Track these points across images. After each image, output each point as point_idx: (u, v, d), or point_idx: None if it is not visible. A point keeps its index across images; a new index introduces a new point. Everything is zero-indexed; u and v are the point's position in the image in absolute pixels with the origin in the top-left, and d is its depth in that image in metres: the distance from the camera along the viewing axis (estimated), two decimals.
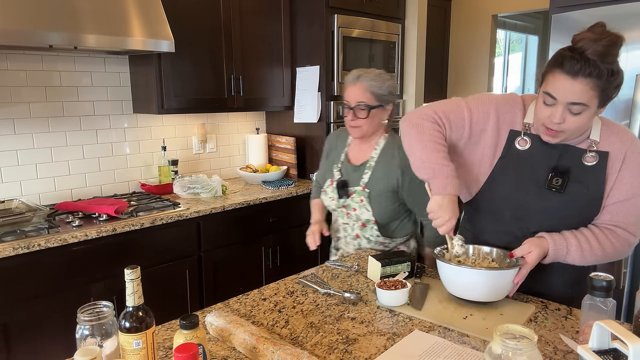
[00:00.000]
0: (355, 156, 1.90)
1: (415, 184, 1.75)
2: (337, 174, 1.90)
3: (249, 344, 1.10)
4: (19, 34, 1.94)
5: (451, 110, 1.44)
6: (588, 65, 1.17)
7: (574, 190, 1.34)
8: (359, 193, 1.82)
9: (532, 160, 1.38)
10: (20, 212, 2.21)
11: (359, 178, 1.84)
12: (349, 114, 1.79)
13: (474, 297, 1.32)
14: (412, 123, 1.45)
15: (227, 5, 2.80)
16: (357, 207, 1.83)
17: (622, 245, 1.33)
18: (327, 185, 1.93)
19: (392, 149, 1.82)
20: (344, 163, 1.91)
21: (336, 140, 1.99)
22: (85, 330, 0.96)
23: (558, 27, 2.41)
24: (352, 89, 1.77)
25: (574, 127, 1.25)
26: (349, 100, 1.78)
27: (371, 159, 1.84)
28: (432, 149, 1.38)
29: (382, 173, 1.81)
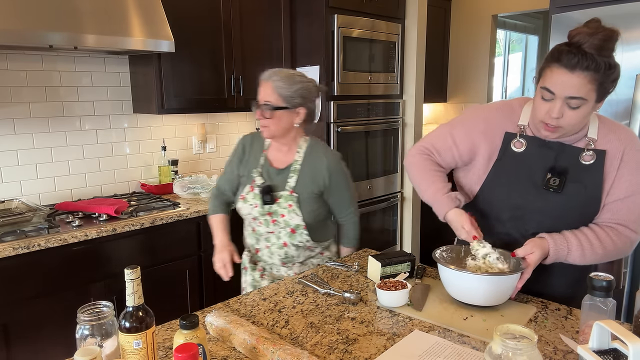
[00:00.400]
0: (278, 159, 1.77)
1: (338, 185, 1.77)
2: (258, 179, 1.74)
3: (249, 344, 1.10)
4: (19, 34, 1.94)
5: (436, 139, 1.55)
6: (585, 58, 1.18)
7: (572, 190, 1.34)
8: (287, 198, 1.71)
9: (529, 161, 1.38)
10: (20, 212, 2.21)
11: (284, 182, 1.73)
12: (257, 112, 1.71)
13: (475, 301, 1.32)
14: (408, 162, 1.60)
15: (227, 5, 2.80)
16: (286, 212, 1.71)
17: (624, 243, 1.33)
18: (245, 191, 1.76)
19: (317, 151, 1.76)
20: (265, 167, 1.77)
21: (251, 142, 1.82)
22: (85, 330, 0.96)
23: (558, 27, 2.41)
24: (262, 87, 1.70)
25: (573, 122, 1.25)
26: (258, 99, 1.70)
27: (295, 162, 1.74)
28: (424, 177, 1.51)
29: (309, 176, 1.73)
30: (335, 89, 3.14)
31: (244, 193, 1.76)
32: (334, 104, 3.13)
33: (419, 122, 3.73)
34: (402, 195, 3.79)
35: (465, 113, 1.54)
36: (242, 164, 1.81)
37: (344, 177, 1.81)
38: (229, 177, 1.86)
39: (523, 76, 5.54)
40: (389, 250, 2.99)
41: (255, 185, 1.74)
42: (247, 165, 1.79)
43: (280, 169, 1.75)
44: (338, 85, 3.14)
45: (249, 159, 1.80)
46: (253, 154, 1.81)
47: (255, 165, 1.78)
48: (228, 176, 1.86)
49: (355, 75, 3.24)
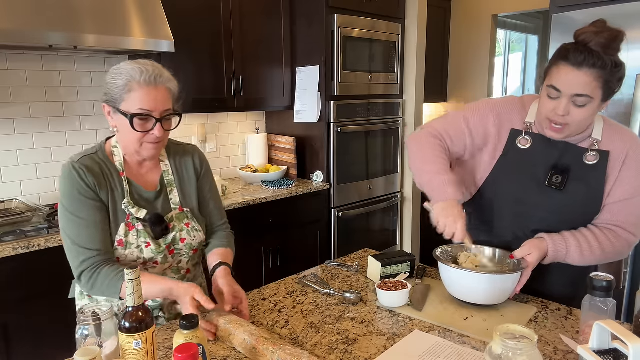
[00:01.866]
0: (146, 181, 1.40)
1: (208, 174, 1.51)
2: (136, 211, 1.33)
3: (248, 345, 1.10)
4: (19, 34, 1.94)
5: (449, 124, 1.50)
6: (592, 56, 1.18)
7: (574, 189, 1.34)
8: (179, 218, 1.40)
9: (533, 158, 1.38)
10: (20, 212, 2.21)
11: (167, 202, 1.41)
12: (155, 127, 1.28)
13: (476, 300, 1.32)
14: (414, 141, 1.52)
15: (227, 5, 2.80)
16: (186, 234, 1.40)
17: (622, 245, 1.34)
18: (123, 233, 1.31)
19: (178, 152, 1.49)
20: (137, 195, 1.37)
21: (100, 173, 1.32)
22: (85, 330, 0.96)
23: (558, 27, 2.41)
24: (150, 94, 1.26)
25: (578, 120, 1.26)
26: (153, 109, 1.27)
27: (166, 172, 1.43)
28: (430, 161, 1.44)
29: (188, 184, 1.46)
30: (335, 89, 3.13)
31: (119, 237, 1.31)
32: (334, 104, 3.13)
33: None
34: (402, 195, 3.79)
35: (476, 102, 1.52)
36: (100, 203, 1.30)
37: (210, 170, 1.55)
38: (96, 230, 1.28)
39: (523, 76, 5.53)
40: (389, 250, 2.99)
41: (134, 221, 1.33)
42: (103, 197, 1.31)
43: (156, 191, 1.40)
44: (338, 85, 3.14)
45: (100, 190, 1.30)
46: (109, 185, 1.33)
47: (121, 198, 1.33)
48: (92, 230, 1.27)
49: (355, 75, 3.24)
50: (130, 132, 1.27)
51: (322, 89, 3.10)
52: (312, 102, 3.14)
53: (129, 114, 1.25)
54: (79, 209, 1.27)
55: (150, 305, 1.38)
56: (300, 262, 2.90)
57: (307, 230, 3.12)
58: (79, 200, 1.27)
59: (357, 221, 3.41)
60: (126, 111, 1.25)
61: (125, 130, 1.29)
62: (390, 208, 3.68)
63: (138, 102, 1.25)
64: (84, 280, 1.27)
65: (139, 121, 1.26)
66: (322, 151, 3.20)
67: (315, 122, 3.17)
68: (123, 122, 1.28)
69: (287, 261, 2.98)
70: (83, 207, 1.27)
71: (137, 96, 1.25)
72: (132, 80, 1.25)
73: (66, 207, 1.28)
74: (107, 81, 1.29)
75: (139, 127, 1.27)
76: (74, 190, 1.27)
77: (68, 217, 1.27)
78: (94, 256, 1.26)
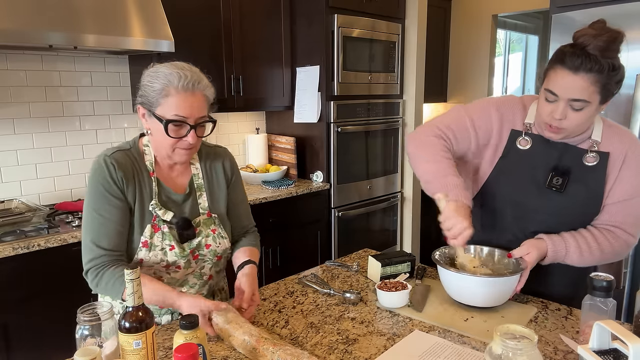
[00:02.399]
0: (176, 183, 1.38)
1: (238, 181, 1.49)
2: (163, 213, 1.31)
3: (248, 345, 1.10)
4: (19, 34, 1.94)
5: (453, 122, 1.45)
6: (589, 60, 1.17)
7: (574, 190, 1.34)
8: (206, 223, 1.38)
9: (533, 160, 1.38)
10: (20, 212, 2.21)
11: (195, 206, 1.39)
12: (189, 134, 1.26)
13: (476, 302, 1.31)
14: (418, 141, 1.48)
15: (227, 5, 2.80)
16: (211, 241, 1.38)
17: (621, 246, 1.33)
18: (146, 235, 1.29)
19: (209, 155, 1.46)
20: (165, 196, 1.35)
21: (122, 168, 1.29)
22: (85, 330, 0.96)
23: (558, 27, 2.41)
24: (187, 100, 1.24)
25: (575, 124, 1.25)
26: (189, 115, 1.24)
27: (196, 176, 1.41)
28: (441, 163, 1.39)
29: (217, 188, 1.44)
30: (335, 89, 3.13)
31: (145, 238, 1.30)
32: (334, 104, 3.13)
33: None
34: (402, 195, 3.79)
35: (478, 101, 1.49)
36: (123, 202, 1.28)
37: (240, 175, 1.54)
38: (112, 229, 1.26)
39: (523, 76, 5.53)
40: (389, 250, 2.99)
41: (160, 223, 1.31)
42: (129, 197, 1.29)
43: (185, 194, 1.38)
44: (338, 85, 3.14)
45: (128, 188, 1.29)
46: (138, 185, 1.31)
47: (149, 199, 1.32)
48: (108, 229, 1.26)
49: (355, 75, 3.24)
50: (164, 137, 1.25)
51: (322, 89, 3.10)
52: (312, 102, 3.14)
53: (163, 120, 1.23)
54: (100, 205, 1.26)
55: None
56: (300, 262, 2.90)
57: (307, 230, 3.12)
58: (103, 196, 1.26)
59: (357, 221, 3.41)
60: (161, 116, 1.24)
61: (158, 135, 1.27)
62: (390, 208, 3.68)
63: (174, 108, 1.23)
64: (89, 277, 1.27)
65: (173, 127, 1.24)
66: (322, 151, 3.20)
67: (315, 122, 3.17)
68: (157, 127, 1.26)
69: (287, 261, 2.98)
70: (105, 204, 1.26)
71: (174, 102, 1.23)
72: (169, 85, 1.23)
73: (89, 201, 1.27)
74: (143, 83, 1.27)
75: (173, 133, 1.25)
76: (99, 186, 1.26)
77: (89, 212, 1.27)
78: (102, 255, 1.25)
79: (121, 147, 1.33)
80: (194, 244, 1.35)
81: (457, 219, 1.28)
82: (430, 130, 1.46)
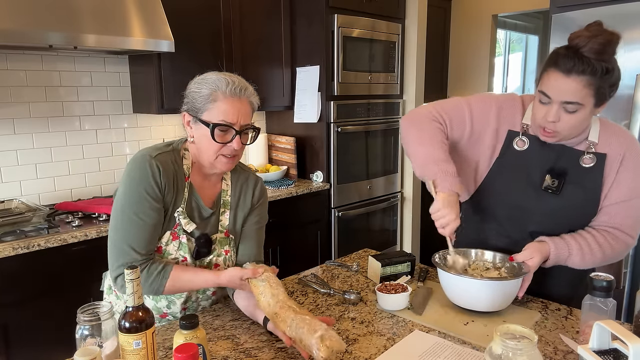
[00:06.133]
0: (206, 194, 1.35)
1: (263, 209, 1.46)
2: (186, 223, 1.28)
3: (272, 309, 1.15)
4: (19, 34, 1.93)
5: (451, 108, 1.45)
6: (582, 62, 1.16)
7: (571, 192, 1.33)
8: (222, 242, 1.35)
9: (529, 161, 1.37)
10: (20, 212, 2.21)
11: (216, 222, 1.36)
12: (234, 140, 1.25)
13: (477, 307, 1.29)
14: (413, 122, 1.46)
15: (227, 5, 2.80)
16: (222, 262, 1.35)
17: (621, 247, 1.33)
18: (165, 241, 1.27)
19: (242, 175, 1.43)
20: (195, 206, 1.32)
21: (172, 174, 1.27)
22: (85, 330, 0.96)
23: (558, 27, 2.41)
24: (234, 106, 1.24)
25: (569, 126, 1.25)
26: (235, 121, 1.24)
27: (224, 192, 1.38)
28: (435, 147, 1.37)
29: (241, 210, 1.40)
30: (335, 89, 3.13)
31: (160, 244, 1.27)
32: (334, 104, 3.13)
33: None
34: (402, 195, 3.79)
35: (479, 94, 1.49)
36: (161, 206, 1.25)
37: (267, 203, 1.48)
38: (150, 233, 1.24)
39: (523, 76, 5.54)
40: (389, 250, 2.99)
41: (180, 232, 1.28)
42: (167, 201, 1.27)
43: (210, 208, 1.35)
44: (338, 85, 3.14)
45: (167, 193, 1.26)
46: (171, 184, 1.27)
47: (177, 204, 1.28)
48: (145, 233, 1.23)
49: (355, 75, 3.24)
50: (209, 143, 1.24)
51: (322, 89, 3.10)
52: (312, 102, 3.14)
53: (210, 124, 1.22)
54: (141, 209, 1.22)
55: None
56: (300, 262, 2.90)
57: (307, 230, 3.12)
58: (145, 199, 1.22)
59: (357, 221, 3.41)
60: (208, 121, 1.23)
61: (203, 141, 1.25)
62: (390, 208, 3.68)
63: (221, 113, 1.23)
64: (120, 282, 1.23)
65: (219, 132, 1.23)
66: (322, 151, 3.20)
67: (315, 122, 3.17)
68: (202, 132, 1.24)
69: (287, 261, 2.98)
70: (145, 207, 1.22)
71: (221, 107, 1.23)
72: (217, 90, 1.23)
73: (128, 203, 1.23)
74: (190, 90, 1.27)
75: (219, 138, 1.23)
76: (141, 189, 1.22)
77: (127, 214, 1.22)
78: (138, 260, 1.22)
79: (163, 149, 1.29)
80: (205, 262, 1.32)
81: (447, 210, 1.30)
82: (426, 112, 1.45)
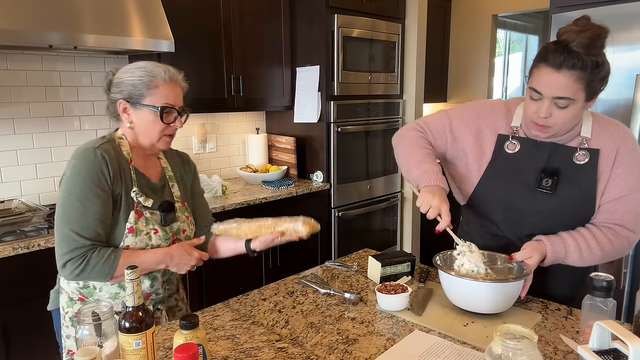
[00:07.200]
0: (150, 173, 1.45)
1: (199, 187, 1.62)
2: (144, 200, 1.36)
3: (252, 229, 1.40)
4: (19, 34, 1.93)
5: (431, 120, 1.54)
6: (572, 57, 1.17)
7: (565, 191, 1.33)
8: (181, 210, 1.48)
9: (522, 162, 1.37)
10: (20, 212, 2.21)
11: (169, 195, 1.47)
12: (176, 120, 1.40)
13: (478, 309, 1.28)
14: (398, 136, 1.57)
15: (227, 5, 2.80)
16: (186, 226, 1.47)
17: (622, 243, 1.32)
18: (131, 221, 1.33)
19: (173, 154, 1.57)
20: (145, 184, 1.41)
21: (117, 162, 1.33)
22: (85, 330, 0.96)
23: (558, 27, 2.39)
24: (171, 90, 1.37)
25: (561, 122, 1.25)
26: (175, 103, 1.38)
27: (166, 169, 1.50)
28: (415, 152, 1.46)
29: (185, 181, 1.55)
30: (335, 89, 3.13)
31: (130, 224, 1.33)
32: (334, 104, 3.13)
33: None
34: (402, 195, 3.79)
35: (464, 104, 1.53)
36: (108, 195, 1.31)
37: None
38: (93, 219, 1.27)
39: (523, 76, 5.53)
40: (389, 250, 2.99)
41: (142, 209, 1.36)
42: (117, 189, 1.33)
43: (158, 182, 1.46)
44: (338, 85, 3.14)
45: (115, 181, 1.32)
46: (117, 172, 1.33)
47: (130, 186, 1.36)
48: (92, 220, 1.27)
49: (355, 75, 3.24)
50: (153, 125, 1.37)
51: (322, 89, 3.10)
52: (312, 102, 3.14)
53: (158, 107, 1.35)
54: (86, 196, 1.26)
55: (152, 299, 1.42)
56: (300, 262, 2.90)
57: None
58: (90, 188, 1.27)
59: (357, 221, 3.41)
60: (153, 104, 1.35)
61: (146, 124, 1.37)
62: (390, 208, 3.68)
63: (164, 97, 1.36)
64: (69, 268, 1.26)
65: (165, 114, 1.37)
66: (322, 151, 3.20)
67: (315, 122, 3.17)
68: (144, 117, 1.36)
69: (287, 261, 2.98)
70: (92, 195, 1.27)
71: (163, 91, 1.35)
72: (156, 77, 1.35)
73: (73, 192, 1.27)
74: (123, 79, 1.36)
75: (165, 119, 1.37)
76: (87, 178, 1.27)
77: (72, 202, 1.27)
78: (85, 246, 1.26)
79: (102, 141, 1.35)
80: (174, 228, 1.43)
81: (432, 200, 1.30)
82: (410, 125, 1.55)
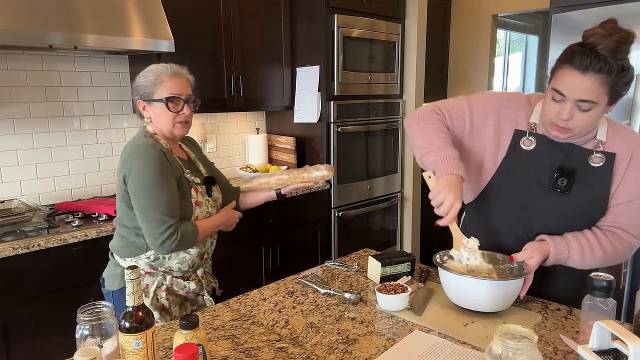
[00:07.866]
0: (181, 154, 1.69)
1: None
2: (195, 178, 1.62)
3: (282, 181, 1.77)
4: (19, 34, 1.94)
5: (451, 105, 1.48)
6: (598, 60, 1.15)
7: (579, 192, 1.32)
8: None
9: (538, 160, 1.36)
10: (20, 212, 2.21)
11: (200, 171, 1.71)
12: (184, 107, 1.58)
13: (478, 307, 1.28)
14: (414, 117, 1.49)
15: (227, 5, 2.80)
16: (218, 194, 1.74)
17: (624, 247, 1.32)
18: (193, 198, 1.58)
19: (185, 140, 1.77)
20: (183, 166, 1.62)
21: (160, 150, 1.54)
22: (85, 330, 0.96)
23: (558, 27, 2.41)
24: (176, 83, 1.56)
25: (582, 124, 1.24)
26: (178, 93, 1.56)
27: (188, 152, 1.74)
28: (433, 135, 1.40)
29: (204, 158, 1.80)
30: (335, 89, 3.13)
31: (194, 199, 1.59)
32: (334, 104, 3.13)
33: None
34: (402, 195, 3.79)
35: (485, 93, 1.50)
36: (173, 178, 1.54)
37: None
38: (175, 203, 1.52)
39: (523, 76, 5.53)
40: (389, 250, 2.99)
41: (195, 185, 1.61)
42: (175, 173, 1.56)
43: (188, 161, 1.69)
44: (338, 85, 3.14)
45: (173, 168, 1.56)
46: (169, 163, 1.56)
47: (179, 169, 1.59)
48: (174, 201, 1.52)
49: (355, 75, 3.24)
50: (165, 115, 1.56)
51: (322, 89, 3.10)
52: (312, 102, 3.14)
53: (164, 98, 1.54)
54: (162, 185, 1.49)
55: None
56: (300, 262, 2.90)
57: (307, 230, 3.12)
58: (164, 178, 1.50)
59: (357, 221, 3.41)
60: (160, 97, 1.54)
61: (160, 116, 1.56)
62: (390, 208, 3.68)
63: (168, 89, 1.55)
64: (168, 244, 1.48)
65: (171, 103, 1.55)
66: (322, 151, 3.20)
67: (315, 122, 3.17)
68: (158, 109, 1.56)
69: (287, 261, 2.98)
70: (166, 183, 1.50)
71: (167, 85, 1.55)
72: (161, 74, 1.55)
73: (151, 184, 1.48)
74: (138, 83, 1.58)
75: (172, 108, 1.55)
76: (158, 170, 1.49)
77: (156, 192, 1.48)
78: (175, 223, 1.49)
79: (148, 140, 1.54)
80: (214, 197, 1.70)
81: (448, 194, 1.26)
82: (429, 107, 1.49)
